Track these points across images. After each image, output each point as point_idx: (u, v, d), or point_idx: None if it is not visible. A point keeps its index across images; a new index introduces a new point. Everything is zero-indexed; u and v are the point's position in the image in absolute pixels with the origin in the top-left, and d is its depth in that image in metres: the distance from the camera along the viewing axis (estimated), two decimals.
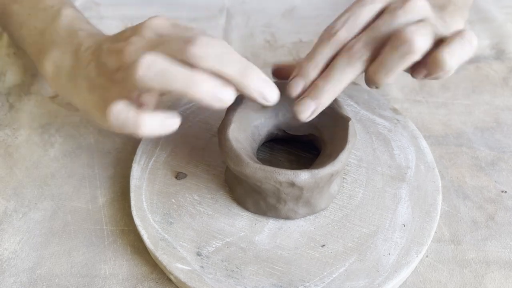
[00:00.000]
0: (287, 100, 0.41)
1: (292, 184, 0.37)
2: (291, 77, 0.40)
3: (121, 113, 0.34)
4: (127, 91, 0.36)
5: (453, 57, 0.36)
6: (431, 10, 0.39)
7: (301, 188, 0.38)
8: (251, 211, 0.41)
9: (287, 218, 0.41)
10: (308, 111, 0.39)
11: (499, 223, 0.43)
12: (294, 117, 0.39)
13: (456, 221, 0.44)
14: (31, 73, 0.58)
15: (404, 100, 0.54)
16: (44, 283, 0.40)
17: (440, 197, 0.43)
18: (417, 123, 0.51)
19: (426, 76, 0.38)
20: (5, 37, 0.61)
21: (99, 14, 0.66)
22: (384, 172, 0.44)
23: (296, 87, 0.39)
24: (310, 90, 0.39)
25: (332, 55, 0.39)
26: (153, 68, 0.33)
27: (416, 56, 0.36)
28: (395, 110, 0.50)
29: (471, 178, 0.47)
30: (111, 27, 0.64)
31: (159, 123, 0.35)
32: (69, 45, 0.43)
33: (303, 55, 0.60)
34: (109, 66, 0.38)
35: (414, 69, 0.38)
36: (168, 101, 0.51)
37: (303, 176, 0.37)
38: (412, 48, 0.36)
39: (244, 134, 0.42)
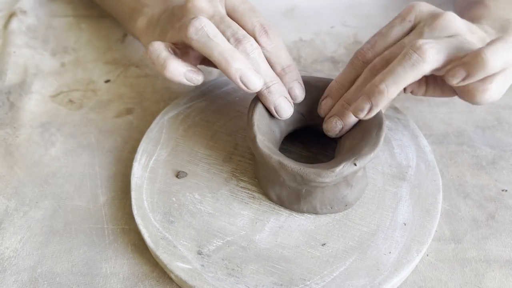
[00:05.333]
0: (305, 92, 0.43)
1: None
2: (322, 98, 0.43)
3: (156, 50, 0.39)
4: (176, 39, 0.41)
5: (496, 55, 0.33)
6: (464, 26, 0.39)
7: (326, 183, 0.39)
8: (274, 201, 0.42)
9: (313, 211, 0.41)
10: (336, 129, 0.42)
11: (500, 221, 0.43)
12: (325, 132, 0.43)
13: (457, 219, 0.44)
14: (31, 72, 0.58)
15: (405, 99, 0.54)
16: (45, 282, 0.40)
17: (440, 196, 0.43)
18: (418, 122, 0.51)
19: (465, 79, 0.34)
20: (4, 35, 0.61)
21: (100, 14, 0.66)
22: (385, 171, 0.44)
23: (325, 107, 0.43)
24: (335, 109, 0.42)
25: (357, 75, 0.41)
26: (201, 32, 0.38)
27: (426, 66, 0.35)
28: (395, 109, 0.50)
29: (472, 177, 0.47)
30: (113, 26, 0.64)
31: (183, 72, 0.40)
32: (161, 5, 0.49)
33: (304, 54, 0.60)
34: (176, 14, 0.44)
35: (449, 71, 0.35)
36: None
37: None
38: (422, 57, 0.34)
39: (268, 128, 0.43)
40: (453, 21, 0.39)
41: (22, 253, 0.42)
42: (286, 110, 0.42)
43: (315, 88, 0.44)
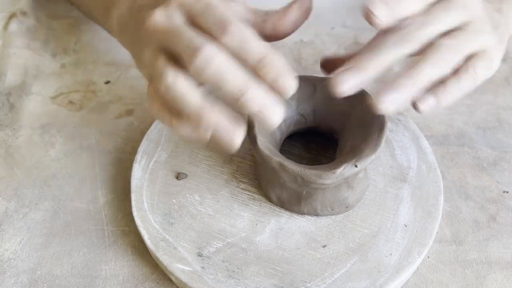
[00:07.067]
0: (306, 93, 0.42)
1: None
2: (342, 68, 0.34)
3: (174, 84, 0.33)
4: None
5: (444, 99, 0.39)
6: (481, 10, 0.40)
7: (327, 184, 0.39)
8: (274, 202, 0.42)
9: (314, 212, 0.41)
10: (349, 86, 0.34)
11: (501, 223, 0.43)
12: (331, 92, 0.34)
13: (458, 221, 0.43)
14: (31, 73, 0.58)
15: None
16: (45, 284, 0.40)
17: (441, 198, 0.42)
18: (419, 123, 0.51)
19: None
20: (4, 36, 0.61)
21: None
22: (386, 172, 0.44)
23: (347, 83, 0.34)
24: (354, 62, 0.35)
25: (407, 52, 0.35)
26: (170, 92, 0.32)
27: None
28: None
29: (473, 178, 0.47)
30: None
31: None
32: (126, 2, 0.43)
33: (304, 54, 0.60)
34: (139, 20, 0.37)
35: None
36: None
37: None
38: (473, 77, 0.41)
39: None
40: (473, 3, 0.39)
41: (21, 255, 0.42)
42: (273, 116, 0.32)
43: (320, 89, 0.44)
